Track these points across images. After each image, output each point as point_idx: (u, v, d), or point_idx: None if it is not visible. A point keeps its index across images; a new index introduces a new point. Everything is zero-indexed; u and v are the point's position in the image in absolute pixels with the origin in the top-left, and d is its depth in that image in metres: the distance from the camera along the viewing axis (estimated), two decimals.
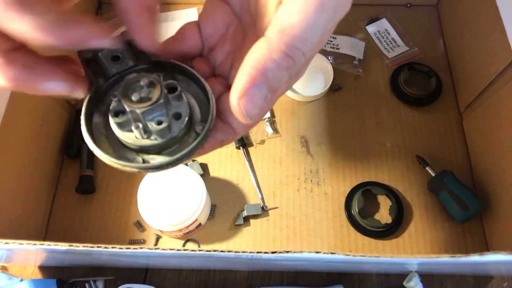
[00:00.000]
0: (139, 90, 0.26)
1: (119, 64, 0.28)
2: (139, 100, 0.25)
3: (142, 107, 0.25)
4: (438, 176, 0.59)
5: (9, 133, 0.51)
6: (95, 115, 0.28)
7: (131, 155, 0.27)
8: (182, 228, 0.55)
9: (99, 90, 0.27)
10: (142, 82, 0.26)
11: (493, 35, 0.56)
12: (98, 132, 0.28)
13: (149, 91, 0.26)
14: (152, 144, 0.26)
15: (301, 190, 0.63)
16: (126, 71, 0.28)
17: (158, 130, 0.26)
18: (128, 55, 0.28)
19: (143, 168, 0.26)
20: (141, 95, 0.26)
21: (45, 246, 0.36)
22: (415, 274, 0.52)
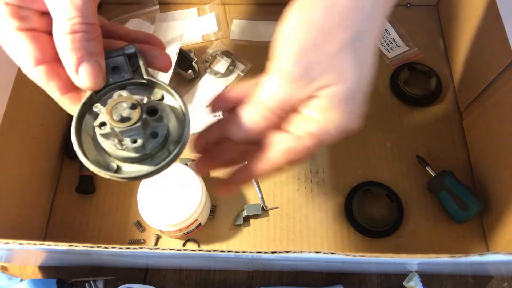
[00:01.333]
0: (122, 110, 0.29)
1: (117, 75, 0.31)
2: (120, 120, 0.28)
3: (121, 126, 0.28)
4: (438, 176, 0.59)
5: (9, 133, 0.51)
6: (87, 117, 0.31)
7: (109, 159, 0.30)
8: (182, 228, 0.55)
9: (94, 95, 0.30)
10: (125, 104, 0.29)
11: (493, 35, 0.56)
12: (86, 133, 0.31)
13: (130, 112, 0.29)
14: (127, 156, 0.29)
15: (301, 190, 0.63)
16: (122, 82, 0.31)
17: (133, 147, 0.29)
18: (126, 68, 0.31)
19: (113, 176, 0.30)
20: (122, 115, 0.28)
21: (45, 246, 0.36)
22: (415, 274, 0.52)
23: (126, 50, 0.31)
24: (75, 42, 0.28)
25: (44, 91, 0.62)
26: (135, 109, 0.29)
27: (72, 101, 0.31)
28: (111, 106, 0.29)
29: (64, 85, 0.30)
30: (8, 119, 0.50)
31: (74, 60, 0.28)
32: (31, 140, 0.58)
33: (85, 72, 0.28)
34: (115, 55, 0.31)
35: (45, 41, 0.29)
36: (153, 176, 0.30)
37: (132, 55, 0.31)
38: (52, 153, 0.63)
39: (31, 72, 0.29)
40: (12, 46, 0.29)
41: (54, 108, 0.63)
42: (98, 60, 0.29)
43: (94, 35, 0.29)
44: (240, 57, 0.73)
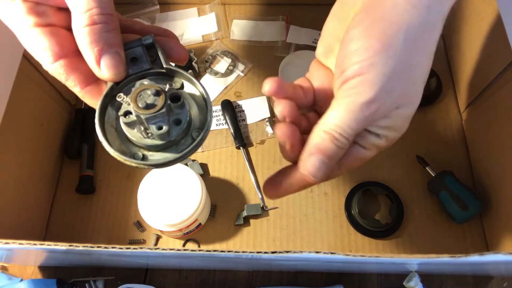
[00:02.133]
0: (147, 98, 0.29)
1: (136, 65, 0.31)
2: (145, 107, 0.29)
3: (147, 113, 0.29)
4: (438, 176, 0.59)
5: (9, 133, 0.51)
6: (109, 109, 0.31)
7: (134, 149, 0.31)
8: (182, 228, 0.55)
9: (115, 87, 0.31)
10: (150, 91, 0.29)
11: (493, 35, 0.56)
12: (109, 125, 0.31)
13: (155, 99, 0.29)
14: (152, 144, 0.30)
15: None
16: (142, 72, 0.31)
17: (159, 134, 0.29)
18: (145, 58, 0.31)
19: (140, 164, 0.29)
20: (147, 102, 0.29)
21: (45, 246, 0.36)
22: (415, 274, 0.52)
23: (143, 40, 0.31)
24: (95, 34, 0.28)
25: (43, 91, 0.62)
26: (159, 95, 0.29)
27: (92, 94, 0.31)
28: (136, 94, 0.29)
29: (84, 78, 0.30)
30: (8, 119, 0.50)
31: (95, 52, 0.28)
32: (31, 140, 0.58)
33: (107, 63, 0.29)
34: (133, 46, 0.31)
35: (63, 36, 0.30)
36: (177, 163, 0.30)
37: (150, 45, 0.32)
38: (52, 153, 0.63)
39: (51, 67, 0.30)
40: (31, 42, 0.29)
41: (54, 108, 0.63)
42: (118, 51, 0.29)
43: (112, 26, 0.29)
44: (240, 57, 0.73)
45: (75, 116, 0.67)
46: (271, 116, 0.68)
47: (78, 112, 0.67)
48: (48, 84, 0.60)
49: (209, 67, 0.72)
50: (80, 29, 0.28)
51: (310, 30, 0.75)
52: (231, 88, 0.71)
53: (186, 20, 0.77)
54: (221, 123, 0.68)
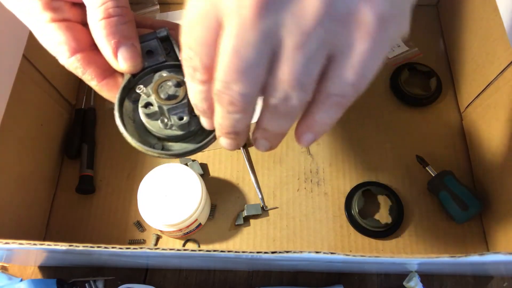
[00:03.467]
0: (168, 89, 0.30)
1: (151, 58, 0.32)
2: (167, 98, 0.29)
3: (169, 104, 0.29)
4: (438, 176, 0.59)
5: (9, 133, 0.51)
6: (126, 101, 0.32)
7: (153, 140, 0.31)
8: (182, 228, 0.55)
9: (131, 79, 0.31)
10: (171, 82, 0.30)
11: (493, 35, 0.56)
12: (127, 117, 0.31)
13: (176, 90, 0.30)
14: (172, 134, 0.30)
15: (301, 190, 0.63)
16: (157, 65, 0.32)
17: (179, 124, 0.30)
18: (160, 51, 0.32)
19: (162, 154, 0.30)
20: (169, 93, 0.29)
21: (45, 246, 0.36)
22: (415, 274, 0.52)
23: (158, 33, 0.32)
24: (111, 26, 0.28)
25: (43, 91, 0.62)
26: (180, 87, 0.30)
27: (109, 88, 0.31)
28: (157, 85, 0.30)
29: (100, 72, 0.30)
30: (8, 119, 0.50)
31: (112, 44, 0.28)
32: (31, 140, 0.58)
33: (124, 55, 0.29)
34: (148, 39, 0.32)
35: (79, 30, 0.30)
36: (196, 153, 0.31)
37: (164, 38, 0.32)
38: (52, 153, 0.63)
39: (68, 62, 0.30)
40: (48, 37, 0.29)
41: (54, 108, 0.63)
42: (134, 43, 0.29)
43: (128, 18, 0.29)
44: None
45: (75, 116, 0.67)
46: None
47: (78, 112, 0.67)
48: (48, 84, 0.60)
49: None
50: (96, 22, 0.28)
51: None
52: None
53: None
54: None
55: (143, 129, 0.31)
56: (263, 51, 0.20)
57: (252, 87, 0.21)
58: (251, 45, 0.19)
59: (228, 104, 0.22)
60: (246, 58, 0.20)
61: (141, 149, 0.30)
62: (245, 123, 0.24)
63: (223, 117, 0.24)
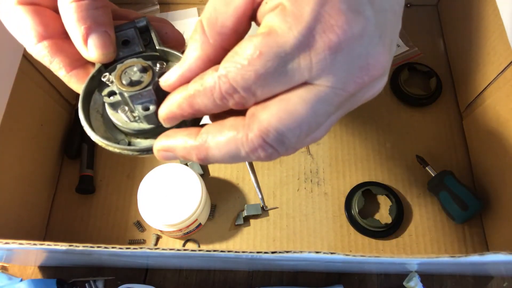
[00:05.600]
0: (132, 74, 0.26)
1: (127, 48, 0.29)
2: (129, 84, 0.26)
3: (131, 91, 0.26)
4: (438, 176, 0.59)
5: (9, 133, 0.51)
6: (96, 93, 0.29)
7: (120, 136, 0.28)
8: (182, 228, 0.55)
9: (102, 69, 0.28)
10: (136, 67, 0.26)
11: (493, 35, 0.56)
12: (95, 111, 0.29)
13: (141, 76, 0.26)
14: (139, 128, 0.27)
15: (301, 190, 0.63)
16: (132, 56, 0.28)
17: (144, 115, 0.26)
18: (137, 41, 0.29)
19: (124, 150, 0.27)
20: (132, 78, 0.26)
21: (45, 246, 0.36)
22: (415, 274, 0.52)
23: (136, 23, 0.29)
24: (82, 10, 0.26)
25: (43, 91, 0.62)
26: (147, 72, 0.26)
27: (78, 79, 0.29)
28: (121, 71, 0.26)
29: (70, 61, 0.28)
30: (8, 119, 0.50)
31: (82, 30, 0.26)
32: (31, 140, 0.58)
33: (95, 43, 0.27)
34: (125, 28, 0.29)
35: (48, 16, 0.28)
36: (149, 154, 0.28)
37: (143, 28, 0.29)
38: (52, 153, 0.63)
39: (35, 49, 0.28)
40: (14, 21, 0.27)
41: (54, 108, 0.63)
42: (108, 30, 0.27)
43: (101, 3, 0.27)
44: None
45: (75, 116, 0.67)
46: None
47: (78, 112, 0.67)
48: (48, 84, 0.60)
49: None
50: (67, 5, 0.26)
51: None
52: None
53: (186, 20, 0.77)
54: None
55: (110, 124, 0.28)
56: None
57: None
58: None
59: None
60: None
61: (101, 144, 0.27)
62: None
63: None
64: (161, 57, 0.29)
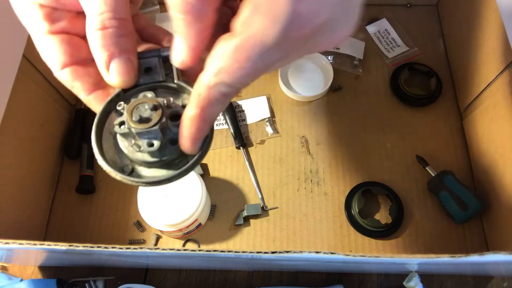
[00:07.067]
0: (143, 111, 0.28)
1: (149, 76, 0.30)
2: (139, 121, 0.28)
3: (138, 128, 0.27)
4: (438, 176, 0.59)
5: (9, 133, 0.51)
6: (113, 115, 0.30)
7: (126, 161, 0.30)
8: (182, 228, 0.55)
9: (121, 94, 0.30)
10: (147, 105, 0.28)
11: (493, 35, 0.56)
12: (108, 131, 0.30)
13: (151, 114, 0.28)
14: (143, 159, 0.29)
15: (301, 190, 0.63)
16: (153, 84, 0.30)
17: (148, 150, 0.28)
18: (159, 70, 0.30)
19: (124, 179, 0.29)
20: (142, 115, 0.28)
21: (45, 246, 0.36)
22: (415, 274, 0.52)
23: (161, 52, 0.30)
24: (106, 38, 0.27)
25: (43, 91, 0.62)
26: (156, 111, 0.28)
27: (97, 101, 0.30)
28: (133, 106, 0.28)
29: (89, 85, 0.30)
30: (8, 119, 0.50)
31: (105, 56, 0.28)
32: (31, 140, 0.58)
33: (116, 68, 0.28)
34: (149, 55, 0.30)
35: (74, 44, 0.30)
36: (168, 183, 0.29)
37: (167, 58, 0.30)
38: (52, 153, 0.63)
39: (58, 74, 0.30)
40: (42, 48, 0.29)
41: (54, 108, 0.63)
42: (130, 57, 0.28)
43: (125, 31, 0.28)
44: None
45: (75, 116, 0.67)
46: (271, 116, 0.68)
47: (78, 112, 0.67)
48: (48, 84, 0.60)
49: None
50: (93, 32, 0.28)
51: None
52: None
53: None
54: (221, 123, 0.68)
55: (119, 148, 0.29)
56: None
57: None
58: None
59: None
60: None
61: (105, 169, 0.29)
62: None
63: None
64: (178, 90, 0.31)
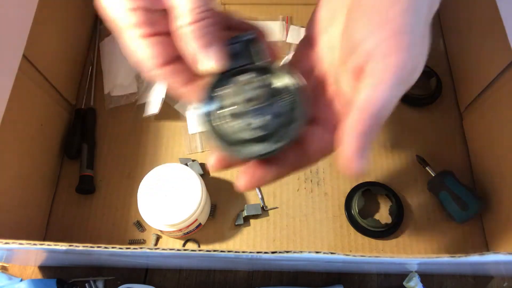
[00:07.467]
0: (248, 91, 0.31)
1: (236, 60, 0.32)
2: (248, 100, 0.30)
3: (248, 106, 0.30)
4: (438, 176, 0.59)
5: (9, 133, 0.51)
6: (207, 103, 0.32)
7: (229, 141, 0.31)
8: (182, 228, 0.55)
9: (214, 81, 0.32)
10: (251, 85, 0.31)
11: (493, 35, 0.56)
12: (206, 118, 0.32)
13: (256, 93, 0.31)
14: (249, 136, 0.31)
15: (301, 190, 0.63)
16: (242, 67, 0.32)
17: (258, 126, 0.30)
18: (246, 54, 0.32)
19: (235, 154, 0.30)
20: (250, 95, 0.30)
21: (45, 246, 0.36)
22: (415, 274, 0.52)
23: (246, 36, 0.32)
24: (199, 29, 0.29)
25: (43, 91, 0.62)
26: (261, 89, 0.30)
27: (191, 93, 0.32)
28: (238, 87, 0.31)
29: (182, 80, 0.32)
30: (8, 119, 0.50)
31: (196, 47, 0.30)
32: (31, 140, 0.58)
33: (210, 56, 0.30)
34: (234, 41, 0.32)
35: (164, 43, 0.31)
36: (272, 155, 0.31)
37: (251, 41, 0.33)
38: (52, 153, 0.63)
39: (150, 75, 0.31)
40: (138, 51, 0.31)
41: (54, 108, 0.63)
42: (219, 45, 0.30)
43: (214, 20, 0.30)
44: None
45: (75, 116, 0.67)
46: None
47: (78, 112, 0.67)
48: (48, 84, 0.60)
49: None
50: (184, 26, 0.29)
51: None
52: None
53: None
54: None
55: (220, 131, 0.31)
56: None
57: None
58: None
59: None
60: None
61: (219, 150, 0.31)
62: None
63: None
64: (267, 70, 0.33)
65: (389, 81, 0.28)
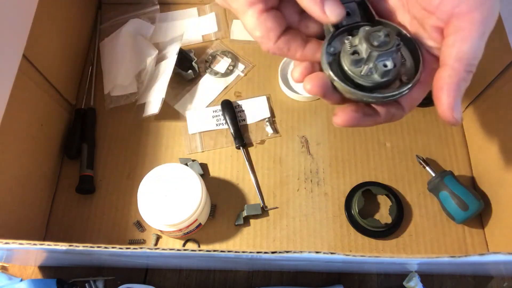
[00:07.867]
0: (377, 37, 0.33)
1: (349, 18, 0.36)
2: (379, 45, 0.32)
3: (380, 50, 0.32)
4: (438, 176, 0.59)
5: (9, 133, 0.51)
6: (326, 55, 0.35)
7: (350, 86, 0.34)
8: (182, 228, 0.55)
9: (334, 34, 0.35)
10: (381, 32, 0.33)
11: (493, 35, 0.56)
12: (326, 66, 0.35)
13: (385, 39, 0.33)
14: (372, 81, 0.33)
15: (301, 190, 0.63)
16: (355, 24, 0.36)
17: (382, 71, 0.33)
18: (357, 12, 0.36)
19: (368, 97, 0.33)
20: (380, 40, 0.33)
21: (45, 246, 0.36)
22: (415, 274, 0.52)
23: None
24: None
25: (43, 91, 0.62)
26: (390, 36, 0.33)
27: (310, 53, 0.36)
28: (368, 34, 0.33)
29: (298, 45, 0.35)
30: (8, 119, 0.50)
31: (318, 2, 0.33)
32: (31, 140, 0.58)
33: (330, 7, 0.33)
34: (347, 1, 0.36)
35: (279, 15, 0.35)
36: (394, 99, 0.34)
37: (361, 2, 0.36)
38: (52, 153, 0.63)
39: (273, 47, 0.35)
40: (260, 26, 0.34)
41: (54, 108, 0.63)
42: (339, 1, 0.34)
43: None
44: (240, 57, 0.73)
45: (75, 116, 0.67)
46: (271, 116, 0.68)
47: (78, 112, 0.67)
48: (48, 84, 0.60)
49: (209, 67, 0.72)
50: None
51: None
52: (231, 88, 0.71)
53: (186, 20, 0.77)
54: (221, 123, 0.68)
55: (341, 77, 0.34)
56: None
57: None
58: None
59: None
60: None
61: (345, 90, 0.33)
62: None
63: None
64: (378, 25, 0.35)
65: (476, 34, 0.32)
